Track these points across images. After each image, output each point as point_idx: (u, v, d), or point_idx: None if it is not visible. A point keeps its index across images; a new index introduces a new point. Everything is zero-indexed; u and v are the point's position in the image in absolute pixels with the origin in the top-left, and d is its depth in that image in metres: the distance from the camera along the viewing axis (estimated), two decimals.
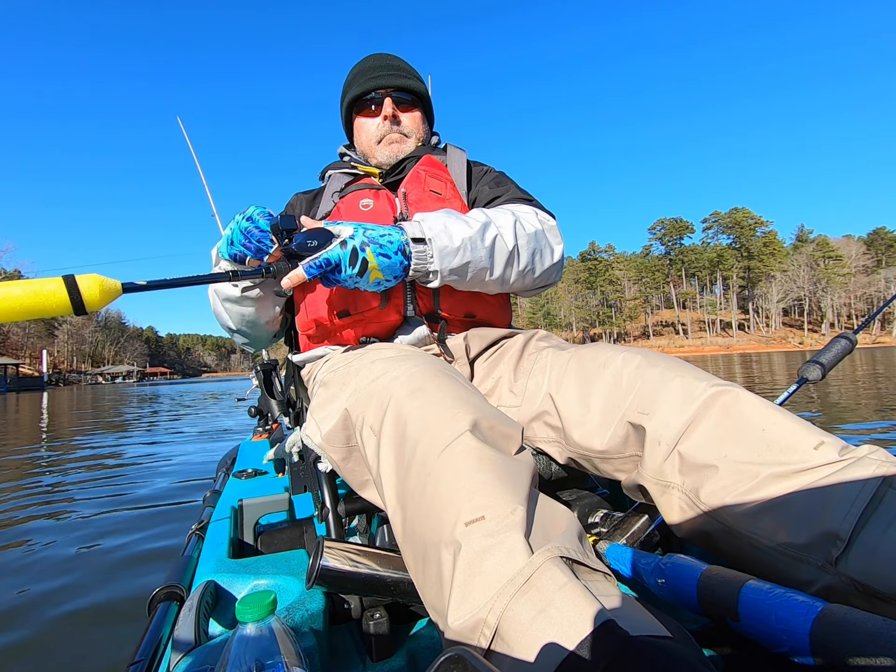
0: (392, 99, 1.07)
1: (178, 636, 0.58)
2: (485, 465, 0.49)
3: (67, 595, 1.57)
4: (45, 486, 3.18)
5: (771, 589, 0.47)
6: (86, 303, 0.60)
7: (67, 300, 0.59)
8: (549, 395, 0.76)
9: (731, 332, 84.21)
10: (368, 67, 1.08)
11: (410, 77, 1.09)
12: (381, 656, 0.61)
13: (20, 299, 0.57)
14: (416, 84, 1.09)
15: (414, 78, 1.10)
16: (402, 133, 1.08)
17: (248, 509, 0.97)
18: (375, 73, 1.07)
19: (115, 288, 0.64)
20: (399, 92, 1.07)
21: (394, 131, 1.07)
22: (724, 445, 0.57)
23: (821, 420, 4.40)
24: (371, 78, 1.07)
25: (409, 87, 1.07)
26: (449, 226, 0.82)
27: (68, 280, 0.59)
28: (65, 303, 0.59)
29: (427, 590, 0.47)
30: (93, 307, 0.61)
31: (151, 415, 8.99)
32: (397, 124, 1.08)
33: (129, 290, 0.66)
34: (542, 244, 0.94)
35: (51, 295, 0.58)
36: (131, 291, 0.66)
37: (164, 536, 2.07)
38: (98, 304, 0.61)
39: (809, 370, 0.88)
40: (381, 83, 1.06)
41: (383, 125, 1.07)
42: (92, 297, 0.61)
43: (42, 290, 0.58)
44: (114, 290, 0.64)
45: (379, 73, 1.07)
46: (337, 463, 0.70)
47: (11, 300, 0.57)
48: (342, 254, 0.74)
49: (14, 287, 0.57)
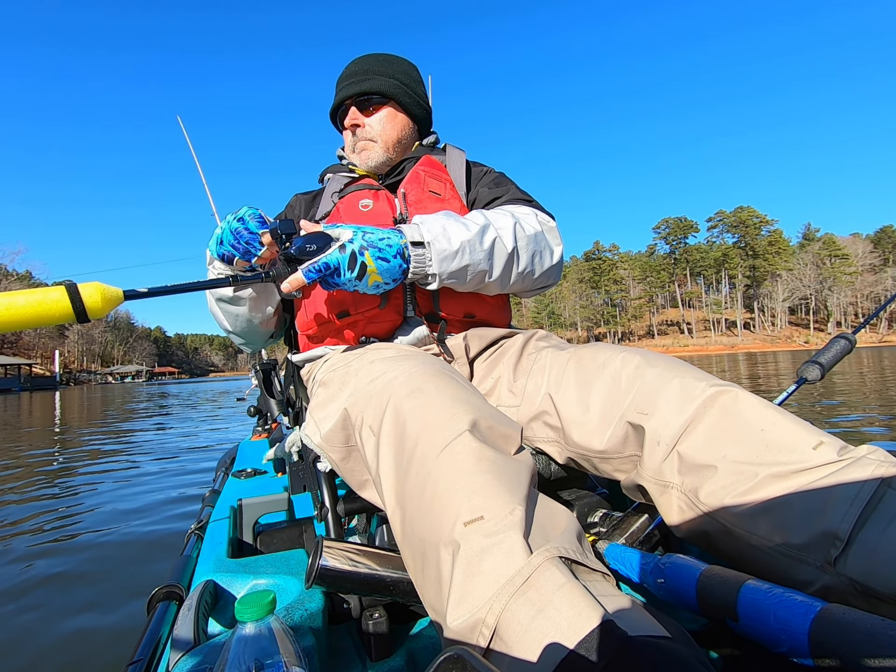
0: (357, 106, 1.06)
1: (177, 636, 0.58)
2: (484, 465, 0.49)
3: (67, 594, 1.57)
4: (54, 483, 3.18)
5: (770, 589, 0.47)
6: (88, 310, 0.61)
7: (70, 308, 0.60)
8: (548, 394, 0.76)
9: (736, 332, 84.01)
10: (340, 79, 1.09)
11: (374, 77, 1.05)
12: (380, 656, 0.61)
13: (24, 308, 0.58)
14: (379, 83, 1.05)
15: (379, 76, 1.06)
16: (366, 139, 1.06)
17: (247, 509, 0.97)
18: (343, 84, 1.07)
19: (117, 296, 0.65)
20: (362, 96, 1.05)
21: (360, 139, 1.07)
22: (723, 445, 0.57)
23: (826, 416, 4.40)
24: (339, 90, 1.08)
25: (368, 90, 1.05)
26: (448, 228, 0.82)
27: (70, 289, 0.60)
28: (67, 311, 0.60)
29: (426, 589, 0.47)
30: (95, 315, 0.62)
31: (160, 409, 9.08)
32: (360, 130, 1.07)
33: (130, 297, 0.67)
34: (542, 246, 0.94)
35: (54, 304, 0.59)
36: (133, 299, 0.67)
37: (164, 536, 2.07)
38: (100, 311, 0.62)
39: (808, 370, 0.88)
40: (345, 94, 1.06)
41: (351, 136, 1.08)
42: (94, 305, 0.62)
43: (45, 299, 0.59)
44: (115, 298, 0.65)
45: (345, 83, 1.07)
46: (336, 463, 0.70)
47: (15, 309, 0.58)
48: (341, 258, 0.74)
49: (17, 297, 0.58)
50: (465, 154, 1.13)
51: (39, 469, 3.79)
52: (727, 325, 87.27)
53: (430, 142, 1.15)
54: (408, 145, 1.11)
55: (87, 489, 3.03)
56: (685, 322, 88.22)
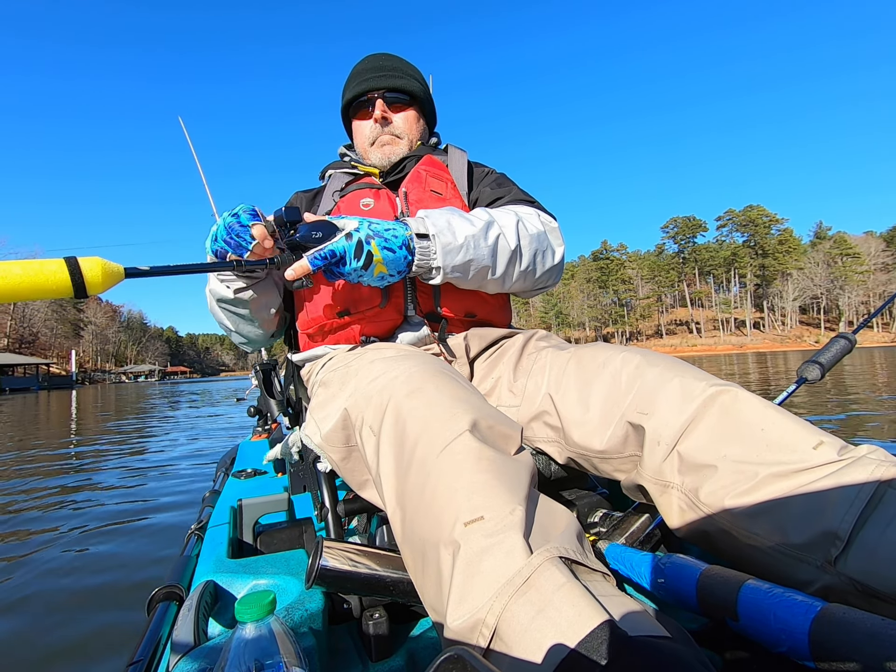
0: (384, 100, 1.06)
1: (177, 636, 0.58)
2: (484, 465, 0.49)
3: (67, 595, 1.57)
4: (57, 482, 3.18)
5: (770, 589, 0.47)
6: (87, 285, 0.59)
7: (69, 281, 0.58)
8: (548, 394, 0.76)
9: (746, 331, 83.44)
10: (363, 69, 1.09)
11: (404, 76, 1.08)
12: (380, 656, 0.61)
13: (20, 278, 0.56)
14: (409, 83, 1.08)
15: (408, 77, 1.08)
16: (393, 135, 1.07)
17: (247, 509, 0.97)
18: (368, 74, 1.07)
19: (118, 272, 0.63)
20: (391, 92, 1.06)
21: (385, 133, 1.07)
22: (723, 445, 0.57)
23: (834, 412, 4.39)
24: (364, 80, 1.07)
25: (401, 88, 1.06)
26: (452, 223, 0.82)
27: (70, 262, 0.58)
28: (66, 284, 0.58)
29: (426, 590, 0.47)
30: (94, 290, 0.60)
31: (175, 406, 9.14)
32: (388, 126, 1.07)
33: (131, 274, 0.65)
34: (544, 245, 0.94)
35: (52, 275, 0.57)
36: (134, 276, 0.65)
37: (164, 536, 2.07)
38: (100, 286, 0.60)
39: (808, 370, 0.88)
40: (373, 85, 1.06)
41: (375, 127, 1.07)
42: (94, 280, 0.59)
43: (43, 270, 0.57)
44: (116, 274, 0.63)
45: (371, 74, 1.07)
46: (336, 463, 0.70)
47: (11, 279, 0.56)
48: (347, 246, 0.73)
49: (14, 266, 0.56)
50: (466, 154, 1.13)
51: (48, 467, 3.78)
52: (736, 325, 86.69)
53: (431, 142, 1.16)
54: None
55: (89, 489, 3.04)
56: (694, 322, 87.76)
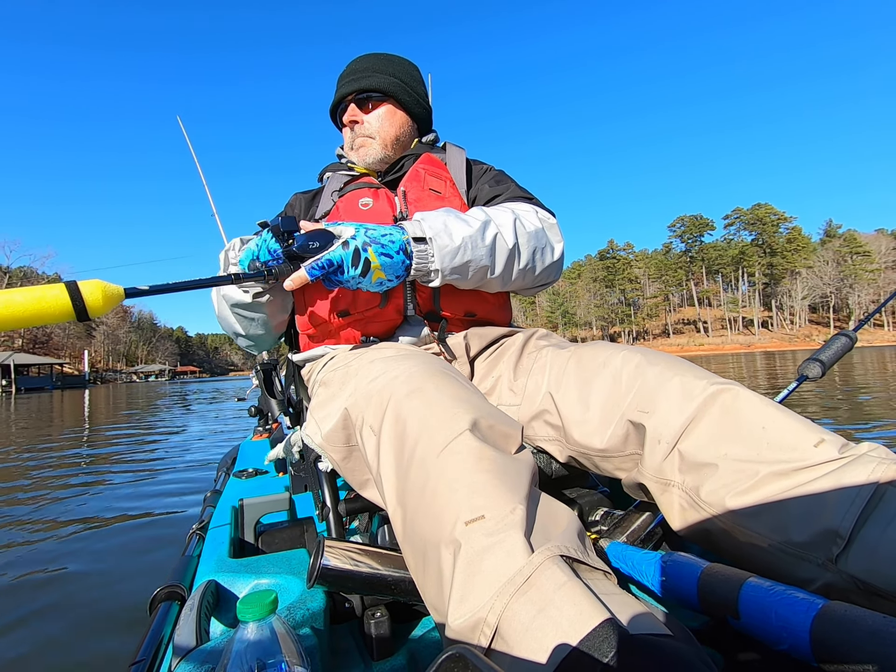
0: (356, 104, 1.07)
1: (179, 636, 0.58)
2: (484, 464, 0.49)
3: (67, 595, 1.57)
4: (61, 481, 3.18)
5: (771, 586, 0.47)
6: (89, 308, 0.60)
7: (70, 306, 0.59)
8: (548, 393, 0.76)
9: (754, 330, 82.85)
10: (341, 76, 1.10)
11: (373, 74, 1.06)
12: (382, 655, 0.61)
13: (22, 306, 0.57)
14: (379, 80, 1.06)
15: (380, 74, 1.07)
16: (364, 136, 1.07)
17: (248, 509, 0.97)
18: (343, 81, 1.08)
19: (118, 293, 0.64)
20: (361, 93, 1.06)
21: (358, 136, 1.08)
22: (723, 444, 0.57)
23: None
24: (339, 87, 1.09)
25: (368, 87, 1.05)
26: (449, 225, 0.82)
27: (70, 286, 0.60)
28: (67, 309, 0.59)
29: (427, 589, 0.47)
30: (96, 313, 0.61)
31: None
32: (359, 127, 1.08)
33: (131, 295, 0.66)
34: (543, 242, 0.94)
35: (54, 301, 0.59)
36: (134, 297, 0.67)
37: (165, 536, 2.08)
38: (101, 309, 0.62)
39: (809, 368, 0.88)
40: (344, 91, 1.07)
41: (350, 132, 1.09)
42: (95, 303, 0.61)
43: (44, 296, 0.58)
44: (116, 296, 0.64)
45: (345, 80, 1.08)
46: (337, 462, 0.70)
47: (13, 307, 0.57)
48: (344, 254, 0.73)
49: (15, 294, 0.58)
50: (465, 152, 1.13)
51: (56, 465, 3.79)
52: (745, 324, 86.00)
53: (429, 140, 1.15)
54: (406, 143, 1.11)
55: (91, 488, 3.04)
56: (701, 321, 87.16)
